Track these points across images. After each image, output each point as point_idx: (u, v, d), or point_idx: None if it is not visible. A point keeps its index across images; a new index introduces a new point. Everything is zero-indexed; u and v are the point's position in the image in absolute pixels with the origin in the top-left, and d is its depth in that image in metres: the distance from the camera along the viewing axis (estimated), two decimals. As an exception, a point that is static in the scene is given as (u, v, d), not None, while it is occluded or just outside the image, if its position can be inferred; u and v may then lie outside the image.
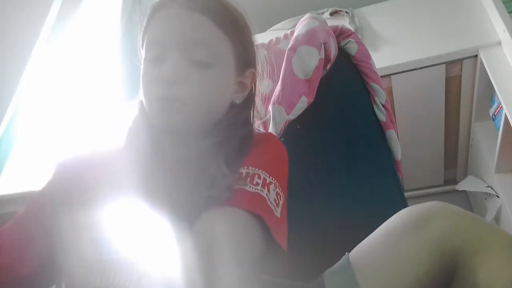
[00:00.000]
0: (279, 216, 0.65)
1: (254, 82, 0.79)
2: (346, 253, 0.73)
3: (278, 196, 0.66)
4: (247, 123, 0.77)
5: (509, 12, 1.37)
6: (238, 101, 0.75)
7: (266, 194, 0.64)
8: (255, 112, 0.80)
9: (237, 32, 0.73)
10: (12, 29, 0.98)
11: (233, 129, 0.72)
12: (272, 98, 0.96)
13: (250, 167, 0.67)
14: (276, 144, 0.76)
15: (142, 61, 0.72)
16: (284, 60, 0.99)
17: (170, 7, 0.69)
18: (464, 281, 0.64)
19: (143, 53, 0.72)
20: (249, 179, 0.65)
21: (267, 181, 0.66)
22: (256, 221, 0.61)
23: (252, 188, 0.64)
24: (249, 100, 0.78)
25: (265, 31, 1.73)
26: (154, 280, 0.60)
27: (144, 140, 0.71)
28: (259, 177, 0.66)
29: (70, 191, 0.69)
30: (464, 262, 0.64)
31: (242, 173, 0.66)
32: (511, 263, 0.62)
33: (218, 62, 0.69)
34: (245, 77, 0.76)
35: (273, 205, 0.64)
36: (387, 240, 0.71)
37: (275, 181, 0.67)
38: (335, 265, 0.73)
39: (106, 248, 0.63)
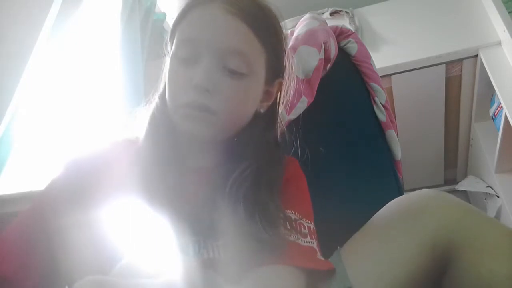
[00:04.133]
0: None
1: (279, 91, 0.76)
2: (338, 247, 0.73)
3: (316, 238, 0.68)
4: (277, 145, 0.76)
5: (509, 12, 1.37)
6: (262, 110, 0.73)
7: (316, 245, 0.66)
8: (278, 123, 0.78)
9: (273, 42, 0.70)
10: (12, 29, 0.98)
11: (265, 153, 0.70)
12: (272, 98, 0.96)
13: (291, 211, 0.67)
14: (303, 178, 0.75)
15: (169, 56, 0.69)
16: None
17: (209, 5, 0.65)
18: (458, 275, 0.63)
19: (171, 47, 0.69)
20: (297, 229, 0.65)
21: (311, 229, 0.67)
22: (306, 274, 0.63)
23: (304, 241, 0.64)
24: (273, 111, 0.76)
25: (265, 31, 1.72)
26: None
27: (163, 142, 0.69)
28: (304, 227, 0.66)
29: (80, 191, 0.66)
30: (458, 255, 0.63)
31: (290, 217, 0.66)
32: (508, 257, 0.61)
33: (251, 73, 0.66)
34: (273, 87, 0.74)
35: (317, 249, 0.66)
36: (377, 233, 0.70)
37: (313, 224, 0.68)
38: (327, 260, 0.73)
39: (116, 251, 0.61)
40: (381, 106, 1.07)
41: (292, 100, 0.94)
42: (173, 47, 0.68)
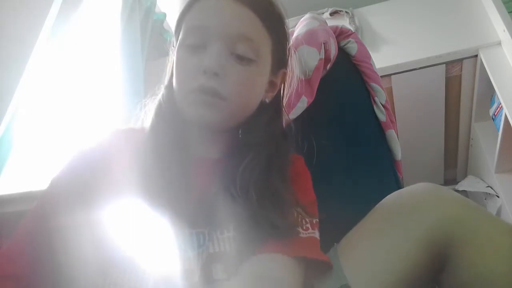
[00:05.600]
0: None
1: (283, 83, 0.77)
2: (335, 243, 0.72)
3: (319, 229, 0.68)
4: (285, 135, 0.76)
5: (509, 12, 1.37)
6: (267, 100, 0.74)
7: (318, 236, 0.66)
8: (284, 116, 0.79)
9: (279, 30, 0.72)
10: (12, 29, 0.98)
11: (273, 142, 0.71)
12: (272, 98, 0.96)
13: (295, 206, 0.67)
14: (308, 174, 0.75)
15: (176, 46, 0.70)
16: (284, 60, 0.99)
17: None
18: (456, 272, 0.63)
19: (177, 39, 0.70)
20: (299, 222, 0.65)
21: (314, 222, 0.67)
22: (304, 265, 0.62)
23: (304, 234, 0.64)
24: (278, 102, 0.77)
25: (265, 31, 1.72)
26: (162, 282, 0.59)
27: (168, 132, 0.69)
28: (306, 221, 0.66)
29: (85, 185, 0.66)
30: (456, 252, 0.62)
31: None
32: (507, 254, 0.60)
33: (258, 59, 0.68)
34: (277, 77, 0.75)
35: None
36: (373, 229, 0.70)
37: (316, 218, 0.68)
38: None
39: (119, 246, 0.61)
40: (381, 106, 1.07)
41: (292, 100, 0.94)
42: (181, 36, 0.69)
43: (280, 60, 0.74)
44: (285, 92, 0.79)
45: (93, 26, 1.38)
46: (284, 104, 0.79)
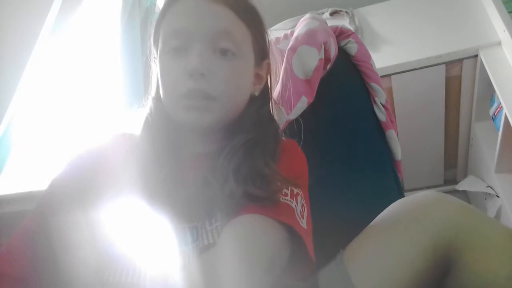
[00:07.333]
0: (305, 227, 0.64)
1: (269, 73, 0.78)
2: (341, 249, 0.73)
3: (303, 208, 0.66)
4: (272, 119, 0.77)
5: (509, 12, 1.37)
6: (256, 93, 0.75)
7: (295, 206, 0.64)
8: (273, 105, 0.79)
9: (256, 22, 0.73)
10: (12, 29, 0.98)
11: (259, 125, 0.72)
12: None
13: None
14: (300, 154, 0.75)
15: (158, 55, 0.70)
16: (284, 60, 0.99)
17: None
18: (459, 277, 0.64)
19: (158, 46, 0.70)
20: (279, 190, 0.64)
21: (295, 192, 0.66)
22: (285, 231, 0.60)
23: (282, 198, 0.63)
24: (266, 93, 0.78)
25: (265, 31, 1.72)
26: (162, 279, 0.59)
27: (161, 138, 0.70)
28: (287, 188, 0.65)
29: (82, 188, 0.67)
30: (459, 257, 0.63)
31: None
32: (509, 258, 0.61)
33: (241, 54, 0.68)
34: (262, 69, 0.76)
35: (299, 217, 0.63)
36: (379, 236, 0.70)
37: (301, 192, 0.67)
38: (330, 263, 0.72)
39: (116, 244, 0.62)
40: (381, 106, 1.07)
41: (291, 99, 0.94)
42: (161, 43, 0.69)
43: (262, 52, 0.75)
44: (273, 82, 0.80)
45: (93, 26, 1.38)
46: (272, 94, 0.80)
